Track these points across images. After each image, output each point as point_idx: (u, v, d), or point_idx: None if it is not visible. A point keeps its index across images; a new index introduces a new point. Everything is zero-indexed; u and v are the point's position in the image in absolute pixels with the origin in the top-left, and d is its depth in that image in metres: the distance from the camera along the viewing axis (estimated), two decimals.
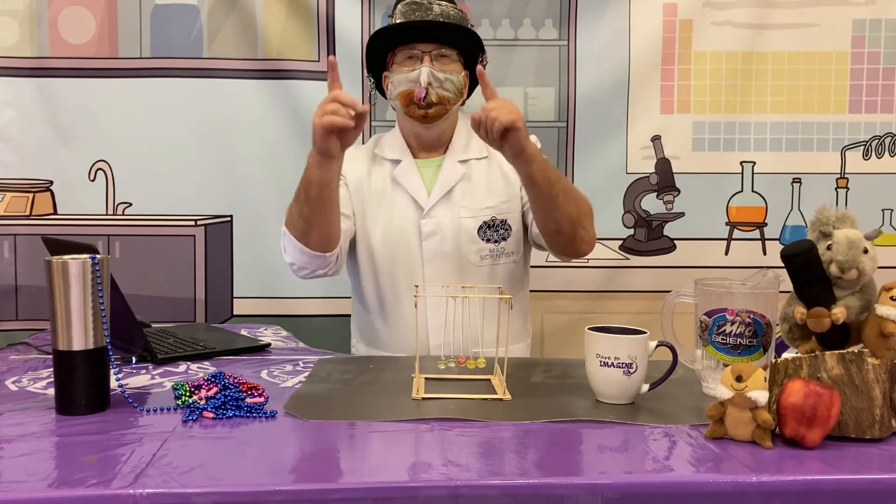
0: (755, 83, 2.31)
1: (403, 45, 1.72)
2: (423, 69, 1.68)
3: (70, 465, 0.95)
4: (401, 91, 1.72)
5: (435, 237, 1.73)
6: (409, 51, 1.71)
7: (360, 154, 1.84)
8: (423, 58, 1.70)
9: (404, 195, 1.76)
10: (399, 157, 1.78)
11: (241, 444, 1.03)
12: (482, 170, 1.78)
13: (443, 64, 1.71)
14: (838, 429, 1.05)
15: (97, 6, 2.23)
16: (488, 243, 1.74)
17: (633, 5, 2.27)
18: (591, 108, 2.30)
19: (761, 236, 2.36)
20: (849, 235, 1.10)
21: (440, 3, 1.72)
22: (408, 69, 1.71)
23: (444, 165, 1.77)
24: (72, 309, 1.13)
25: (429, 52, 1.70)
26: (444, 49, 1.72)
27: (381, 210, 1.76)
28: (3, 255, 2.26)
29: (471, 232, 1.73)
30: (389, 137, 1.84)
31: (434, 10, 1.71)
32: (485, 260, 1.74)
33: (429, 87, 1.68)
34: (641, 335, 1.22)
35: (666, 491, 0.92)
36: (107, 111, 2.25)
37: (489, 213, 1.74)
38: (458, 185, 1.75)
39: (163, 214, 2.29)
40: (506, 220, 1.75)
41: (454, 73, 1.71)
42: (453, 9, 1.74)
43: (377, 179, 1.79)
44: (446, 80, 1.70)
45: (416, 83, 1.68)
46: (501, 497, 0.91)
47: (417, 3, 1.71)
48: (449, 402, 1.22)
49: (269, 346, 1.67)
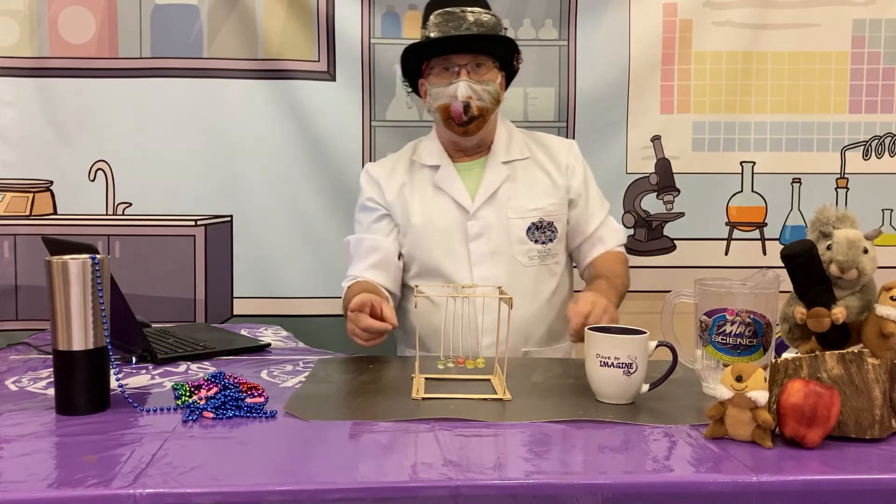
0: (755, 83, 2.31)
1: (439, 56, 1.74)
2: (460, 84, 1.70)
3: (70, 465, 0.95)
4: (439, 105, 1.75)
5: (482, 238, 1.76)
6: (445, 62, 1.73)
7: (398, 163, 1.86)
8: (460, 71, 1.72)
9: (447, 200, 1.78)
10: (438, 163, 1.81)
11: (241, 444, 1.03)
12: (525, 171, 1.82)
13: (479, 74, 1.73)
14: (838, 429, 1.05)
15: (97, 6, 2.22)
16: (536, 244, 1.77)
17: (633, 5, 2.27)
18: (591, 108, 2.30)
19: (761, 236, 2.36)
20: (849, 235, 1.10)
21: (473, 11, 1.73)
22: (444, 83, 1.73)
23: (488, 167, 1.80)
24: (72, 309, 1.13)
25: (465, 64, 1.72)
26: (480, 58, 1.73)
27: (425, 217, 1.78)
28: (3, 255, 2.26)
29: (520, 233, 1.77)
30: (427, 143, 1.86)
31: (468, 18, 1.71)
32: (533, 261, 1.77)
33: (469, 101, 1.71)
34: (641, 335, 1.22)
35: (666, 491, 0.92)
36: (107, 111, 2.25)
37: (537, 214, 1.78)
38: (503, 186, 1.79)
39: (163, 214, 2.29)
40: (552, 223, 1.78)
41: (491, 83, 1.74)
42: (487, 14, 1.74)
43: (419, 186, 1.81)
44: (484, 91, 1.72)
45: (454, 98, 1.71)
46: (501, 497, 0.91)
47: (451, 12, 1.72)
48: (449, 402, 1.22)
49: (269, 346, 1.67)
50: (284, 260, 2.30)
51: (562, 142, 1.91)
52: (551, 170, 1.83)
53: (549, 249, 1.78)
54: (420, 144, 1.88)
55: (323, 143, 2.27)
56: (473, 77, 1.72)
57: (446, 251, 1.77)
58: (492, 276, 1.73)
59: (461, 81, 1.70)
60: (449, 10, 1.72)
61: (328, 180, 2.27)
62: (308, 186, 2.28)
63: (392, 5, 2.27)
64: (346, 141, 2.27)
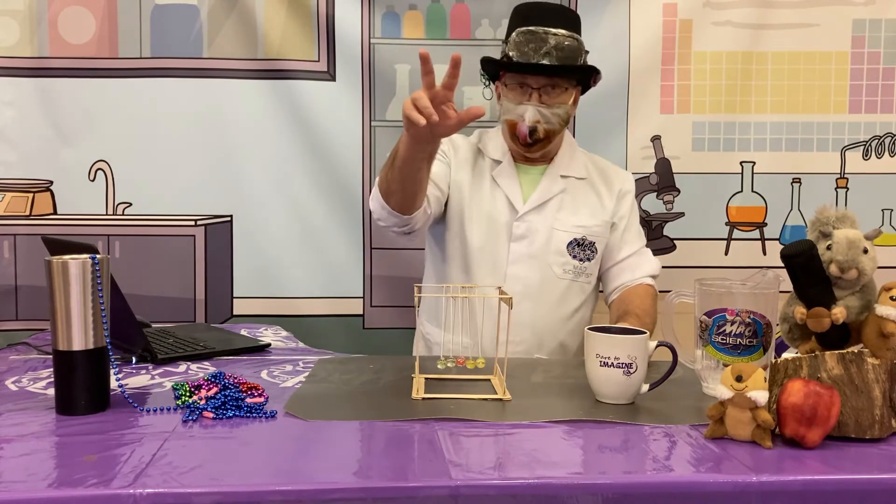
0: (755, 83, 2.31)
1: (515, 73, 1.75)
2: (528, 109, 1.73)
3: (70, 465, 0.95)
4: (508, 119, 1.78)
5: (524, 241, 1.79)
6: (520, 79, 1.75)
7: (467, 144, 1.89)
8: (532, 94, 1.74)
9: (501, 196, 1.82)
10: (500, 159, 1.84)
11: (241, 444, 1.03)
12: (580, 189, 1.85)
13: (552, 97, 1.75)
14: (838, 429, 1.05)
15: (97, 6, 2.22)
16: (574, 259, 1.80)
17: (633, 5, 2.27)
18: (591, 108, 2.29)
19: (761, 236, 2.36)
20: (849, 235, 1.10)
21: (557, 34, 1.73)
22: (516, 99, 1.75)
23: (547, 175, 1.84)
24: (72, 309, 1.13)
25: (538, 87, 1.74)
26: (556, 80, 1.74)
27: (477, 204, 1.81)
28: (3, 255, 2.26)
29: (560, 245, 1.80)
30: (494, 136, 1.89)
31: (549, 42, 1.72)
32: (567, 274, 1.80)
33: (535, 125, 1.73)
34: (641, 335, 1.22)
35: (666, 491, 0.92)
36: (107, 111, 2.25)
37: (581, 231, 1.81)
38: (555, 197, 1.82)
39: (163, 214, 2.29)
40: (594, 243, 1.82)
41: (562, 106, 1.76)
42: (569, 39, 1.74)
43: (478, 173, 1.84)
44: (553, 115, 1.75)
45: (522, 119, 1.74)
46: (501, 497, 0.91)
47: (534, 33, 1.73)
48: (449, 402, 1.22)
49: (269, 346, 1.67)
50: (284, 260, 2.30)
51: (620, 171, 1.95)
52: (603, 193, 1.87)
53: (585, 268, 1.82)
54: (486, 135, 1.91)
55: (323, 143, 2.27)
56: (545, 99, 1.74)
57: (488, 244, 1.80)
58: (524, 279, 1.77)
59: (530, 106, 1.73)
60: (532, 31, 1.73)
61: (328, 180, 2.27)
62: (308, 186, 2.28)
63: (392, 5, 2.27)
64: (346, 141, 2.28)
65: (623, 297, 1.83)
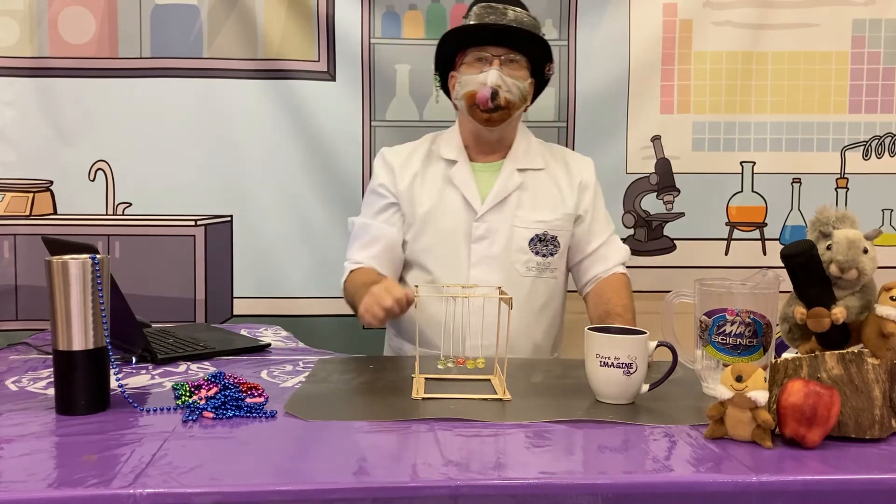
0: (755, 83, 2.31)
1: (475, 46, 1.75)
2: (491, 72, 1.72)
3: (70, 465, 0.95)
4: (467, 91, 1.75)
5: (485, 241, 1.76)
6: (480, 52, 1.75)
7: (416, 152, 1.86)
8: (493, 61, 1.73)
9: (458, 197, 1.79)
10: (455, 158, 1.82)
11: (241, 444, 1.03)
12: (539, 181, 1.82)
13: (511, 69, 1.75)
14: (838, 429, 1.05)
15: (97, 6, 2.22)
16: (537, 256, 1.77)
17: (633, 5, 2.27)
18: (591, 108, 2.30)
19: (761, 236, 2.36)
20: (849, 235, 1.10)
21: (515, 10, 1.76)
22: (476, 71, 1.74)
23: (503, 171, 1.81)
24: (72, 309, 1.13)
25: (499, 55, 1.74)
26: (514, 54, 1.75)
27: (434, 210, 1.79)
28: (3, 255, 2.26)
29: (522, 242, 1.77)
30: (448, 136, 1.87)
31: (509, 15, 1.74)
32: (530, 272, 1.78)
33: (497, 90, 1.71)
34: (641, 335, 1.22)
35: (666, 491, 0.92)
36: (107, 111, 2.25)
37: (542, 227, 1.78)
38: (513, 194, 1.79)
39: (163, 214, 2.29)
40: (556, 237, 1.79)
41: (521, 80, 1.76)
42: (527, 16, 1.77)
43: (431, 178, 1.81)
44: (514, 84, 1.74)
45: (483, 84, 1.72)
46: (501, 497, 0.91)
47: (493, 7, 1.74)
48: (449, 402, 1.22)
49: (269, 346, 1.67)
50: (284, 260, 2.30)
51: (579, 159, 1.91)
52: (564, 184, 1.84)
53: (549, 263, 1.79)
54: (440, 137, 1.89)
55: (323, 143, 2.27)
56: (506, 69, 1.74)
57: (448, 248, 1.77)
58: (487, 280, 1.72)
59: (493, 69, 1.72)
60: (492, 5, 1.74)
61: (328, 180, 2.27)
62: (308, 186, 2.28)
63: (392, 5, 2.27)
64: (346, 141, 2.28)
65: (599, 292, 1.81)
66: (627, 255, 1.87)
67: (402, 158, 1.85)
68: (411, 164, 1.84)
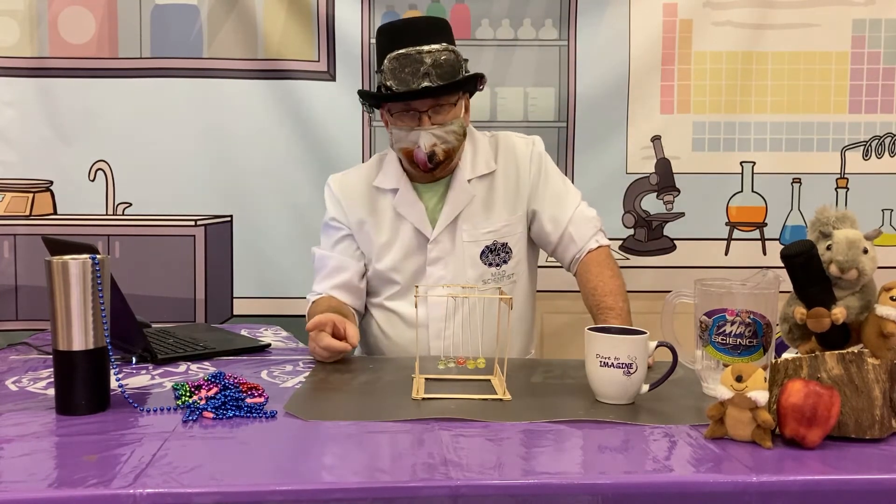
0: (755, 83, 2.31)
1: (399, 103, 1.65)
2: (422, 134, 1.63)
3: (70, 465, 0.95)
4: (402, 147, 1.68)
5: (439, 263, 1.72)
6: (405, 105, 1.65)
7: (361, 185, 1.78)
8: (421, 117, 1.64)
9: (408, 227, 1.73)
10: (396, 186, 1.74)
11: (241, 444, 1.03)
12: (485, 189, 1.74)
13: (442, 115, 1.65)
14: (838, 429, 1.05)
15: (97, 6, 2.22)
16: (490, 267, 1.73)
17: (633, 5, 2.27)
18: (591, 108, 2.30)
19: (761, 236, 2.36)
20: (849, 235, 1.10)
21: (431, 51, 1.61)
22: (406, 128, 1.65)
23: (452, 188, 1.73)
24: (72, 309, 1.13)
25: (425, 109, 1.64)
26: (442, 99, 1.64)
27: (391, 241, 1.74)
28: (3, 255, 2.26)
29: (473, 257, 1.72)
30: (389, 163, 1.78)
31: (425, 61, 1.60)
32: (487, 284, 1.73)
33: (434, 150, 1.64)
34: (641, 335, 1.22)
35: (666, 491, 0.92)
36: (107, 111, 2.25)
37: (491, 237, 1.73)
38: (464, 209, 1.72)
39: (163, 214, 2.29)
40: (506, 244, 1.73)
41: (455, 121, 1.66)
42: (445, 52, 1.62)
43: (381, 213, 1.75)
44: (448, 132, 1.65)
45: (417, 147, 1.64)
46: (501, 497, 0.91)
47: (407, 56, 1.61)
48: (449, 402, 1.22)
49: (269, 347, 1.67)
50: (284, 260, 2.30)
51: (525, 145, 1.78)
52: (512, 182, 1.75)
53: (503, 271, 1.73)
54: (384, 162, 1.79)
55: (323, 143, 2.27)
56: (436, 119, 1.64)
57: (406, 275, 1.73)
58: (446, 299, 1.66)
59: (423, 132, 1.63)
60: (405, 53, 1.60)
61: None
62: (308, 186, 2.28)
63: (392, 5, 2.27)
64: (346, 141, 2.28)
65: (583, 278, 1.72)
66: (595, 224, 1.75)
67: (349, 191, 1.78)
68: (357, 199, 1.76)
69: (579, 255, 1.74)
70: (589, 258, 1.73)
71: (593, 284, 1.69)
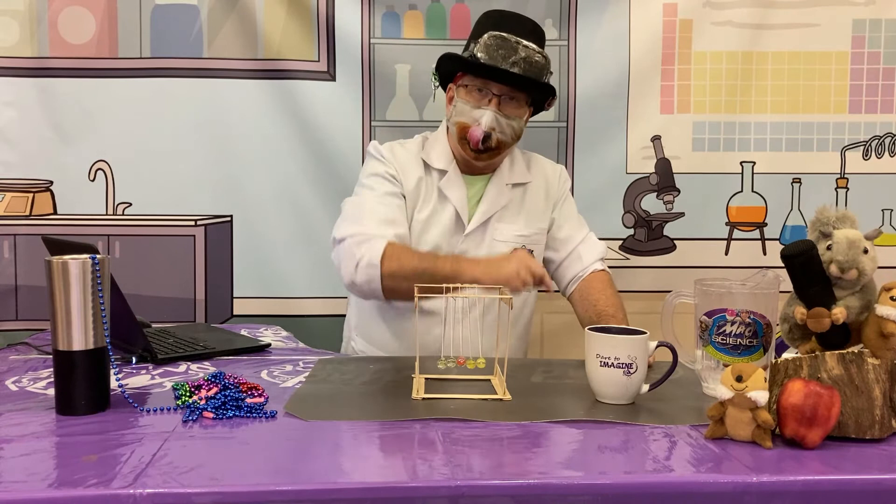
0: (755, 83, 2.31)
1: (477, 76, 1.68)
2: (486, 113, 1.66)
3: (70, 465, 0.95)
4: (460, 122, 1.70)
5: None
6: (481, 84, 1.68)
7: (412, 157, 1.79)
8: (492, 99, 1.67)
9: (450, 209, 1.75)
10: (446, 168, 1.77)
11: (241, 444, 1.03)
12: (520, 195, 1.80)
13: (510, 108, 1.69)
14: (838, 429, 1.05)
15: (97, 6, 2.22)
16: None
17: (633, 5, 2.27)
18: (591, 108, 2.30)
19: (761, 236, 2.36)
20: (849, 235, 1.10)
21: (527, 46, 1.67)
22: (473, 103, 1.68)
23: (492, 187, 1.77)
24: (72, 309, 1.13)
25: (500, 95, 1.67)
26: (517, 93, 1.69)
27: (426, 220, 1.75)
28: (3, 255, 2.26)
29: None
30: (436, 144, 1.80)
31: (520, 53, 1.65)
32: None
33: (491, 132, 1.67)
34: (641, 335, 1.22)
35: (666, 491, 0.92)
36: (107, 111, 2.25)
37: (521, 241, 1.77)
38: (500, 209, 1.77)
39: (163, 214, 2.29)
40: (532, 252, 1.75)
41: (517, 119, 1.70)
42: (538, 54, 1.68)
43: (425, 187, 1.76)
44: (508, 125, 1.69)
45: (477, 123, 1.67)
46: (501, 497, 0.91)
47: (505, 39, 1.66)
48: (449, 402, 1.22)
49: (269, 347, 1.67)
50: (284, 260, 2.30)
51: (554, 168, 1.88)
52: (541, 197, 1.82)
53: None
54: (427, 143, 1.82)
55: (323, 143, 2.27)
56: (504, 109, 1.68)
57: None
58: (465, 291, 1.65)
59: (489, 111, 1.66)
60: (505, 37, 1.66)
61: (328, 180, 2.27)
62: (308, 186, 2.28)
63: (392, 5, 2.27)
64: (346, 141, 2.28)
65: (583, 294, 1.76)
66: (604, 250, 1.83)
67: (402, 160, 1.79)
68: (409, 169, 1.77)
69: (582, 274, 1.79)
70: (592, 276, 1.78)
71: (595, 298, 1.74)
